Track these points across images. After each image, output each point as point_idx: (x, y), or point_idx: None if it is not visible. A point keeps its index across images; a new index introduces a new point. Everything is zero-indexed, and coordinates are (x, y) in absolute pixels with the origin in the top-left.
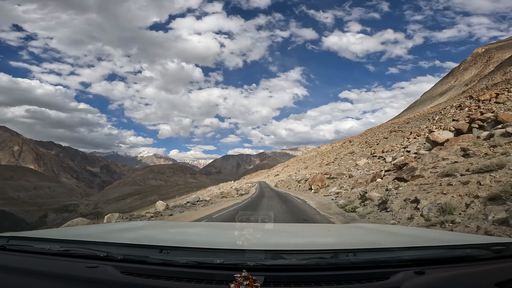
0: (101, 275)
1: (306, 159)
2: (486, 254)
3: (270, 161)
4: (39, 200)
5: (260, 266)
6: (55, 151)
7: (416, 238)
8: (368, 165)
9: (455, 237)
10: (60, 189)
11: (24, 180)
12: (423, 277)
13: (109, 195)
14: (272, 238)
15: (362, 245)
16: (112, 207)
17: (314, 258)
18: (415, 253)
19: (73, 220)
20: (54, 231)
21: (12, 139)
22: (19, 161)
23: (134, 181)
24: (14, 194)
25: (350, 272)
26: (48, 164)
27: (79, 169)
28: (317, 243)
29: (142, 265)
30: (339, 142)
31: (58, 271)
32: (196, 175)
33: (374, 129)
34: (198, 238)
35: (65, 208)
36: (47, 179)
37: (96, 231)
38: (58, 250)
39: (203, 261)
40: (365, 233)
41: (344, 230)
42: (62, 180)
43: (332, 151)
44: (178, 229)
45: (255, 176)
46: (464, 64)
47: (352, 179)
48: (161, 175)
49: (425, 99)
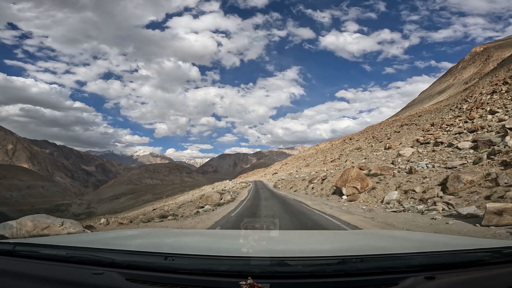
0: (106, 281)
1: (306, 156)
2: (498, 258)
3: (267, 160)
4: (32, 199)
5: (265, 273)
6: (50, 150)
7: (424, 243)
8: (421, 155)
9: (465, 241)
10: (54, 189)
11: (17, 179)
12: (433, 282)
13: (103, 194)
14: (278, 245)
15: (369, 251)
16: (105, 207)
17: (320, 265)
18: (424, 258)
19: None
20: (60, 238)
21: (5, 137)
22: (13, 160)
23: (130, 180)
24: (6, 193)
25: (358, 278)
26: (42, 163)
27: (74, 168)
28: (323, 250)
29: (147, 272)
30: (338, 140)
31: (64, 277)
32: (193, 174)
33: (375, 126)
34: (203, 246)
35: (57, 207)
36: (41, 178)
37: (102, 237)
38: (63, 256)
39: (209, 269)
40: (372, 239)
41: (351, 236)
42: (57, 179)
43: (333, 148)
44: (184, 237)
45: (251, 175)
46: (462, 63)
47: (418, 176)
48: (157, 174)
49: (423, 98)
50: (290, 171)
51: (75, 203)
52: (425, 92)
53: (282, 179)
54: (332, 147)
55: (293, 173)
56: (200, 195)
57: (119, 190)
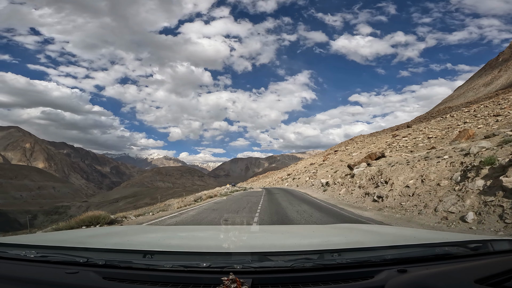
0: (81, 281)
1: (346, 151)
2: (464, 251)
3: (279, 164)
4: (41, 200)
5: (247, 269)
6: (67, 152)
7: (396, 237)
8: None
9: (433, 235)
10: (65, 190)
11: (29, 179)
12: (405, 275)
13: (109, 196)
14: (258, 240)
15: (346, 245)
16: (102, 211)
17: (300, 259)
18: (397, 252)
19: None
20: (31, 237)
21: (24, 139)
22: (30, 160)
23: (142, 182)
24: (16, 193)
25: (336, 272)
26: (59, 164)
27: (89, 170)
28: (302, 244)
29: (125, 270)
30: (381, 133)
31: (35, 277)
32: (204, 178)
33: (420, 117)
34: (183, 242)
35: (56, 210)
36: (53, 179)
37: (76, 236)
38: (34, 256)
39: (189, 265)
40: (349, 233)
41: (329, 230)
42: (72, 180)
43: (380, 140)
44: (162, 233)
45: (262, 178)
46: (502, 55)
47: None
48: (169, 177)
49: (464, 92)
50: (327, 173)
51: (74, 206)
52: (463, 87)
53: (343, 195)
54: (372, 139)
55: (337, 174)
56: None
57: (124, 193)
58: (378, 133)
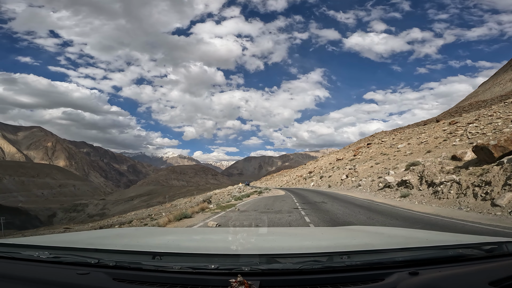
0: (92, 282)
1: (384, 144)
2: (478, 253)
3: (292, 163)
4: (62, 198)
5: (255, 271)
6: (87, 151)
7: (408, 239)
8: None
9: (447, 237)
10: (84, 188)
11: (50, 178)
12: (417, 277)
13: (126, 194)
14: (267, 242)
15: (356, 247)
16: (118, 208)
17: (309, 261)
18: (408, 254)
19: None
20: (44, 238)
21: (46, 138)
22: (52, 159)
23: (157, 181)
24: (38, 191)
25: (345, 274)
26: (79, 162)
27: (107, 169)
28: (311, 246)
29: (135, 271)
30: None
31: (48, 278)
32: (218, 176)
33: (450, 111)
34: (191, 244)
35: (74, 207)
36: (73, 177)
37: (87, 237)
38: (47, 257)
39: (197, 267)
40: (358, 235)
41: (338, 232)
42: (91, 178)
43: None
44: (171, 235)
45: (277, 176)
46: None
47: None
48: (183, 176)
49: (490, 87)
50: (378, 174)
51: (92, 204)
52: (488, 82)
53: None
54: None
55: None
56: None
57: (140, 191)
58: (416, 124)
